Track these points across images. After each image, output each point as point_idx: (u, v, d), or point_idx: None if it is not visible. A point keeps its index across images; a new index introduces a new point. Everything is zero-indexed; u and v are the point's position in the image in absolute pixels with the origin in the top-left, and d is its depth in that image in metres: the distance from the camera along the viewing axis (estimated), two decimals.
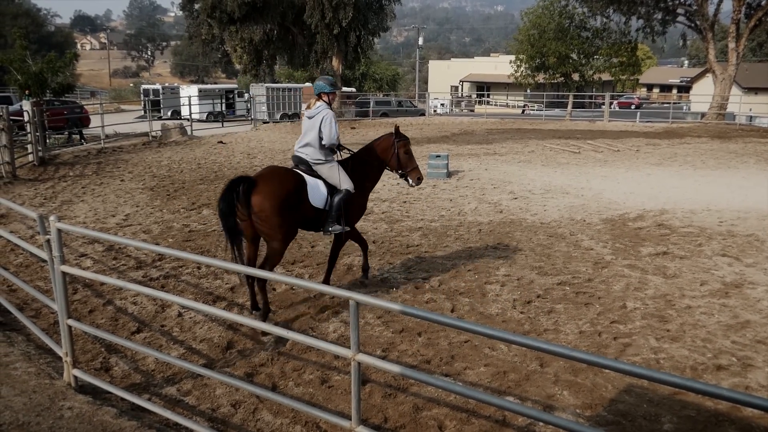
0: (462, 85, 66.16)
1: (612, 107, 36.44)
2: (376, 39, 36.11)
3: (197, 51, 39.67)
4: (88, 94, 62.52)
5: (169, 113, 35.57)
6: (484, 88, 63.95)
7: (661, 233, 9.15)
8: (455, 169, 15.22)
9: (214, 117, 32.88)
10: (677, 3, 31.38)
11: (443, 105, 51.18)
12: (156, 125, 22.34)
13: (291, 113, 34.27)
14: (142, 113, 31.38)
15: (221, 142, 21.12)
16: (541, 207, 11.09)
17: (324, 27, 29.88)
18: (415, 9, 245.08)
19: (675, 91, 69.67)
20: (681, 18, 31.72)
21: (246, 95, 36.99)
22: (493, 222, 10.01)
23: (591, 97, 44.12)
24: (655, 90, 74.37)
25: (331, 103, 6.11)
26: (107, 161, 16.25)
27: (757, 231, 9.19)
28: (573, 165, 16.48)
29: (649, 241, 8.68)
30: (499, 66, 56.20)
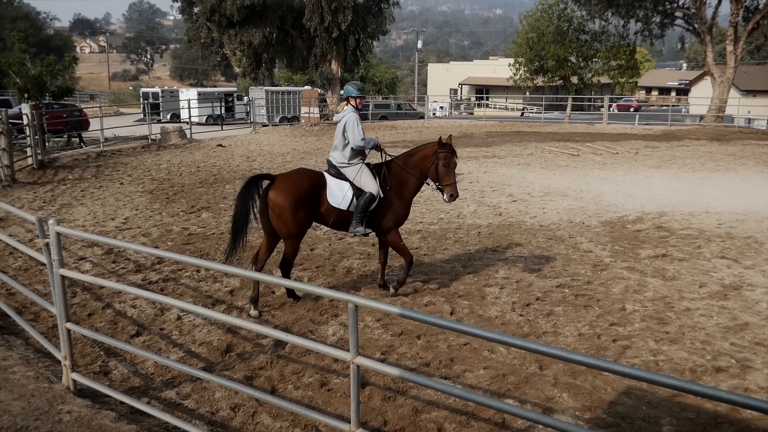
0: (461, 88, 66.24)
1: (611, 110, 36.47)
2: (375, 42, 36.15)
3: (196, 54, 39.65)
4: (87, 97, 62.48)
5: (169, 116, 35.61)
6: (483, 91, 64.04)
7: (660, 235, 9.15)
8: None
9: (213, 120, 32.86)
10: (675, 6, 31.46)
11: (442, 108, 51.20)
12: (155, 128, 22.38)
13: (290, 116, 34.27)
14: (141, 116, 31.42)
15: (220, 145, 21.14)
16: (540, 210, 11.10)
17: (323, 30, 29.93)
18: (414, 12, 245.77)
19: (674, 94, 69.90)
20: (679, 21, 31.80)
21: (245, 98, 37.01)
22: (492, 225, 10.01)
23: (590, 100, 44.18)
24: (654, 93, 74.66)
25: (359, 107, 6.31)
26: (106, 164, 16.26)
27: (756, 233, 9.20)
28: (572, 168, 16.49)
29: (648, 244, 8.68)
30: (498, 69, 56.34)
